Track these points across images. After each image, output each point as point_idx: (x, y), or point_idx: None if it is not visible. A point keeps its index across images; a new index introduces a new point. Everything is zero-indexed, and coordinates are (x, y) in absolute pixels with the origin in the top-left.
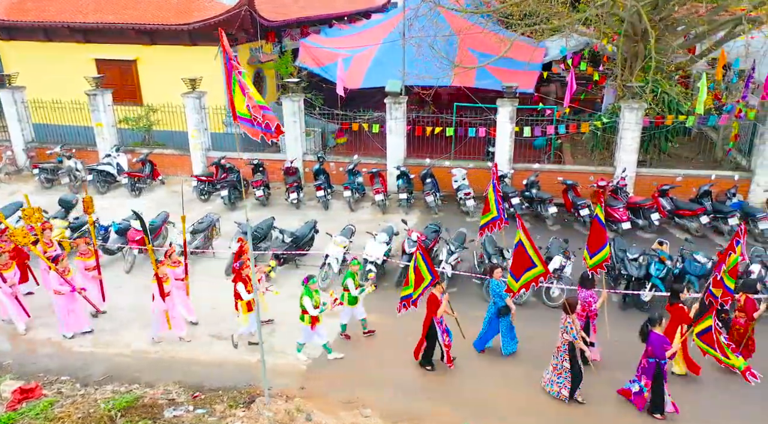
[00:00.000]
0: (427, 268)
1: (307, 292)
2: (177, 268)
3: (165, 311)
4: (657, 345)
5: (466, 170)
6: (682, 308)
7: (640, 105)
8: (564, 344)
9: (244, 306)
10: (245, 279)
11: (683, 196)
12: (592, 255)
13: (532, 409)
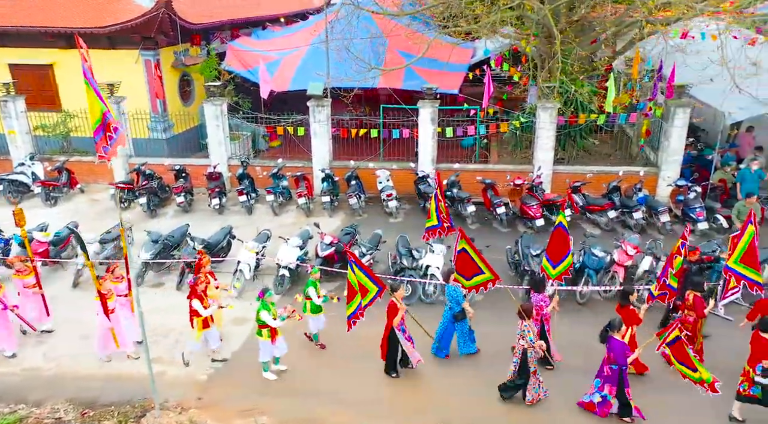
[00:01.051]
0: (369, 278)
1: (264, 305)
2: (120, 283)
3: (110, 328)
4: (618, 352)
5: (389, 172)
6: (633, 310)
7: (554, 105)
8: (520, 349)
9: (199, 323)
10: (201, 295)
11: (597, 192)
12: (555, 265)
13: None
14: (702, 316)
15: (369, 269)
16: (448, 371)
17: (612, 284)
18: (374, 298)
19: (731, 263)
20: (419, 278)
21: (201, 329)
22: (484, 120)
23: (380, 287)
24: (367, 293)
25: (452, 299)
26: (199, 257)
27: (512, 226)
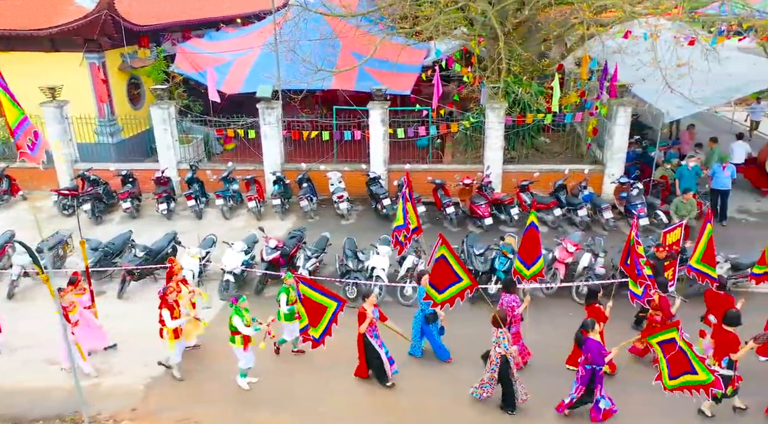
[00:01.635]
0: (324, 295)
1: (237, 311)
2: (83, 296)
3: (75, 342)
4: (595, 352)
5: (341, 173)
6: (598, 307)
7: (501, 105)
8: (497, 357)
9: (170, 333)
10: (171, 305)
11: (545, 190)
12: (529, 266)
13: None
14: (669, 315)
15: (320, 285)
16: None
17: (553, 280)
18: (335, 313)
19: (693, 263)
20: (365, 279)
21: (172, 339)
22: (436, 120)
23: (339, 301)
24: (325, 311)
25: (423, 302)
26: (170, 265)
27: (462, 225)
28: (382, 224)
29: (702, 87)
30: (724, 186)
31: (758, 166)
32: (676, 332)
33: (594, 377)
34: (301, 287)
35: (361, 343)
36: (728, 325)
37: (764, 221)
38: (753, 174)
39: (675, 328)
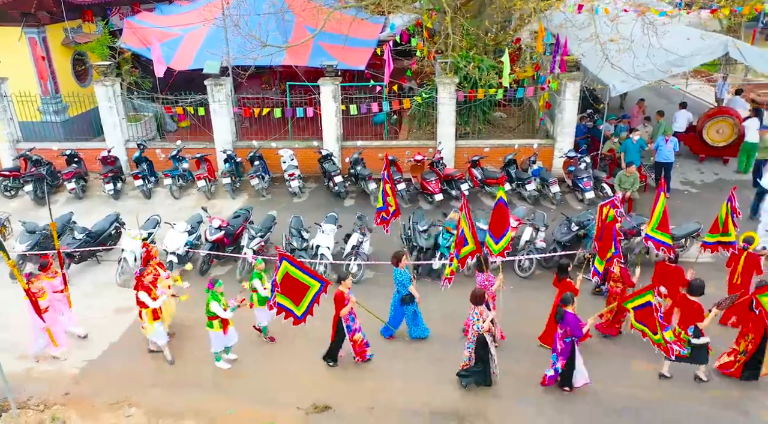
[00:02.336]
0: (308, 275)
1: (214, 296)
2: (54, 279)
3: (46, 328)
4: (574, 325)
5: (293, 151)
6: (570, 282)
7: (451, 80)
8: (473, 335)
9: (149, 315)
10: (148, 287)
11: (498, 165)
12: (497, 240)
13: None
14: (631, 285)
15: (305, 265)
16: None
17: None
18: (318, 293)
19: (650, 231)
20: (309, 258)
21: (152, 320)
22: (389, 96)
23: (322, 282)
24: (308, 291)
25: (399, 283)
26: (146, 249)
27: (414, 202)
28: (334, 201)
29: (644, 61)
30: (667, 159)
31: (697, 133)
32: (651, 295)
33: (574, 349)
34: (284, 264)
35: (335, 325)
36: (693, 294)
37: (706, 193)
38: (692, 141)
39: (651, 291)
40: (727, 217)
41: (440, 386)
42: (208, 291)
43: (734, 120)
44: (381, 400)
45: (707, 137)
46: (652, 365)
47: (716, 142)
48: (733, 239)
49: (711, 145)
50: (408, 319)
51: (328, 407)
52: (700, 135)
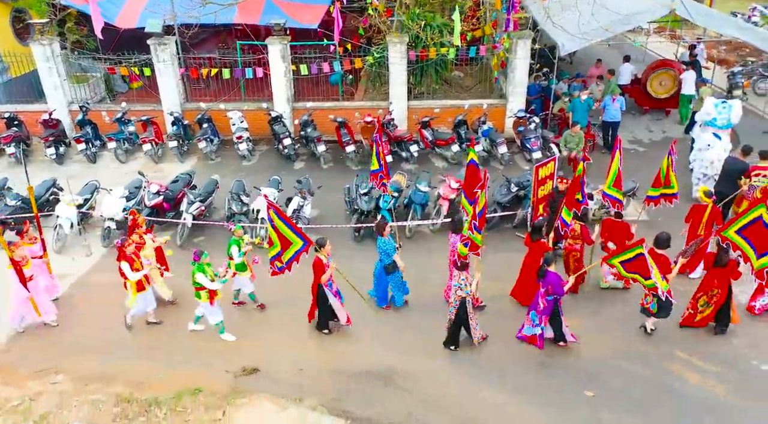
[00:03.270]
0: (292, 231)
1: (200, 268)
2: (34, 245)
3: (30, 298)
4: (556, 283)
5: (242, 113)
6: (543, 243)
7: (401, 39)
8: (455, 300)
9: (133, 286)
10: (130, 257)
11: (450, 126)
12: (471, 202)
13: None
14: (590, 243)
15: (292, 221)
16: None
17: (437, 217)
18: (300, 252)
19: (607, 189)
20: (250, 222)
21: (135, 291)
22: (343, 56)
23: (305, 241)
24: (290, 246)
25: (382, 252)
26: (132, 217)
27: (365, 164)
28: (284, 164)
29: (589, 19)
30: (614, 118)
31: (641, 86)
32: (641, 248)
33: (557, 307)
34: (272, 214)
35: (315, 292)
36: (659, 247)
37: (653, 151)
38: (636, 93)
39: (640, 245)
40: (669, 170)
41: (377, 348)
42: (194, 263)
43: (675, 72)
44: (313, 362)
45: (651, 89)
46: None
47: (659, 94)
48: (675, 191)
49: (654, 97)
50: (394, 286)
51: (256, 370)
52: (644, 87)
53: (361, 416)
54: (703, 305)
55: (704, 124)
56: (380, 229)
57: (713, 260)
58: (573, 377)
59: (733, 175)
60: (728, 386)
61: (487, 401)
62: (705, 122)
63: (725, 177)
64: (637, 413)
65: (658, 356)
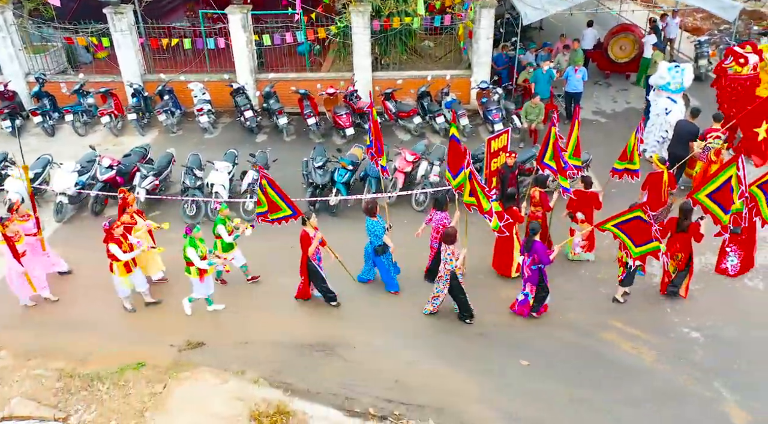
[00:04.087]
0: (282, 200)
1: (191, 242)
2: (27, 222)
3: (24, 272)
4: (542, 252)
5: (203, 84)
6: (516, 210)
7: (365, 8)
8: (446, 274)
9: (121, 268)
10: (119, 239)
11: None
12: (455, 175)
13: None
14: (548, 209)
15: (283, 192)
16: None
17: (393, 190)
18: (287, 217)
19: (567, 159)
20: (203, 196)
21: (123, 273)
22: (308, 25)
23: (294, 211)
24: (278, 211)
25: (371, 234)
26: (122, 196)
27: (328, 136)
28: (246, 137)
29: None
30: (575, 89)
31: (603, 50)
32: (640, 212)
33: (542, 275)
34: (264, 183)
35: (304, 266)
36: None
37: (614, 123)
38: (599, 58)
39: (640, 209)
40: (635, 146)
41: (324, 321)
42: (186, 236)
43: (635, 36)
44: (259, 335)
45: (612, 54)
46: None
47: (619, 59)
48: (637, 167)
49: (615, 61)
50: (382, 269)
51: (201, 344)
52: (605, 52)
53: (299, 387)
54: (674, 271)
55: (658, 88)
56: (370, 211)
57: (675, 225)
58: (510, 347)
59: (685, 137)
60: (656, 353)
61: (422, 370)
62: (659, 86)
63: (677, 139)
64: (567, 379)
65: (595, 325)
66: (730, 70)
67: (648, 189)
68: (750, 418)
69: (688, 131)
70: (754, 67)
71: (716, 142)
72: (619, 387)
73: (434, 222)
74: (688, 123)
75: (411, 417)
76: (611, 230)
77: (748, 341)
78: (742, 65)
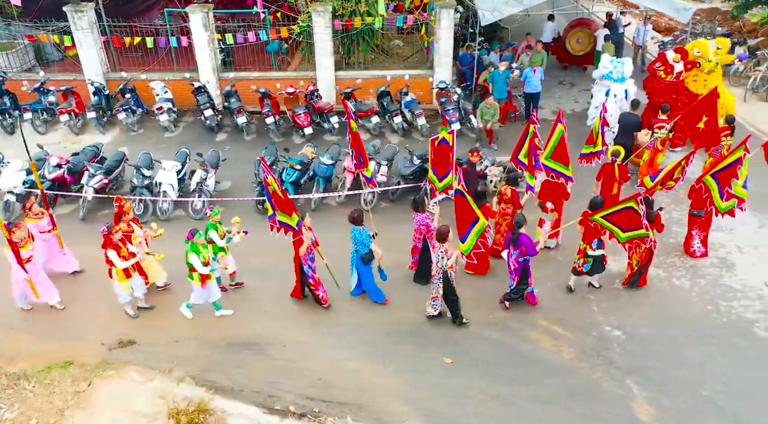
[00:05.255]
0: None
1: (193, 248)
2: (41, 220)
3: (27, 279)
4: (528, 245)
5: (164, 83)
6: (488, 206)
7: (325, 8)
8: (438, 272)
9: (119, 273)
10: (117, 245)
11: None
12: (441, 178)
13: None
14: (519, 207)
15: (287, 196)
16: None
17: (342, 189)
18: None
19: (543, 159)
20: (152, 195)
21: (122, 279)
22: (273, 24)
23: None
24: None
25: (357, 242)
26: (118, 204)
27: (289, 135)
28: (207, 136)
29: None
30: (535, 89)
31: (561, 43)
32: (633, 202)
33: (526, 267)
34: (270, 179)
35: (297, 265)
36: (592, 211)
37: (574, 122)
38: (558, 51)
39: (633, 199)
40: (600, 130)
41: (258, 320)
42: (188, 242)
43: (590, 30)
44: (192, 333)
45: (569, 46)
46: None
47: (577, 51)
48: (599, 149)
49: (573, 54)
50: (366, 279)
51: (133, 342)
52: (563, 45)
53: (224, 385)
54: (636, 264)
55: (601, 78)
56: (356, 219)
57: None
58: (438, 345)
59: (629, 128)
60: (576, 351)
61: (347, 369)
62: (602, 76)
63: (622, 131)
64: (487, 377)
65: (523, 324)
66: (658, 73)
67: (602, 180)
68: (656, 414)
69: (631, 122)
70: (677, 76)
71: (662, 132)
72: (535, 384)
73: (416, 223)
74: (630, 115)
75: (330, 414)
76: (599, 221)
77: (665, 339)
78: (667, 73)
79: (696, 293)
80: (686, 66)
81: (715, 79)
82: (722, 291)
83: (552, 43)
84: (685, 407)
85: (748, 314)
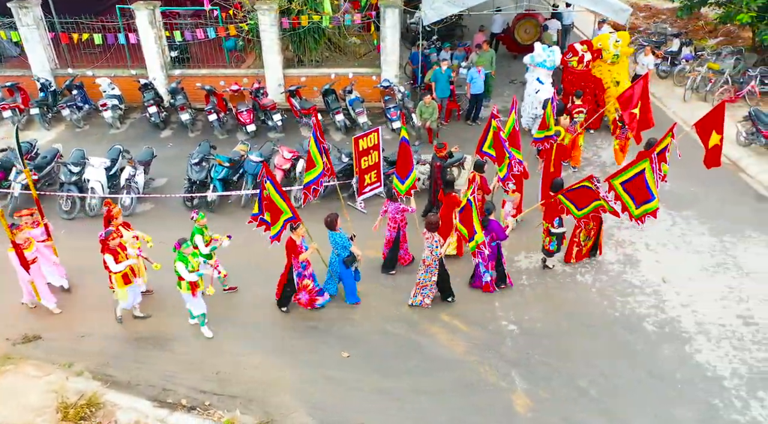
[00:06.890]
0: (284, 202)
1: (180, 257)
2: (35, 229)
3: (30, 281)
4: (498, 230)
5: (111, 79)
6: (455, 196)
7: (270, 6)
8: (434, 261)
9: (118, 279)
10: (114, 250)
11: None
12: (403, 180)
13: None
14: (488, 192)
15: (285, 192)
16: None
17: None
18: (288, 220)
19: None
20: (79, 192)
21: (121, 285)
22: (226, 21)
23: (294, 215)
24: (281, 215)
25: (338, 246)
26: (107, 208)
27: (234, 132)
28: (152, 132)
29: None
30: (479, 90)
31: (510, 34)
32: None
33: (499, 251)
34: (267, 184)
35: (287, 271)
36: (554, 191)
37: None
38: (507, 41)
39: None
40: (551, 115)
41: (168, 314)
42: (175, 250)
43: (537, 21)
44: (98, 329)
45: (517, 37)
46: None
47: (524, 41)
48: (552, 133)
49: (521, 43)
50: (347, 281)
51: (38, 337)
52: (512, 35)
53: (121, 379)
54: (585, 239)
55: (536, 65)
56: (330, 224)
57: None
58: (338, 339)
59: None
60: (469, 344)
61: (245, 362)
62: (537, 63)
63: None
64: (380, 370)
65: (425, 319)
66: (570, 64)
67: (544, 158)
68: (532, 405)
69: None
70: (587, 64)
71: (580, 116)
72: (425, 377)
73: (390, 212)
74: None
75: (220, 407)
76: (561, 199)
77: (557, 333)
78: (579, 62)
79: (596, 289)
80: (593, 55)
81: (620, 68)
82: (622, 287)
83: (502, 33)
84: (561, 399)
85: (641, 309)
